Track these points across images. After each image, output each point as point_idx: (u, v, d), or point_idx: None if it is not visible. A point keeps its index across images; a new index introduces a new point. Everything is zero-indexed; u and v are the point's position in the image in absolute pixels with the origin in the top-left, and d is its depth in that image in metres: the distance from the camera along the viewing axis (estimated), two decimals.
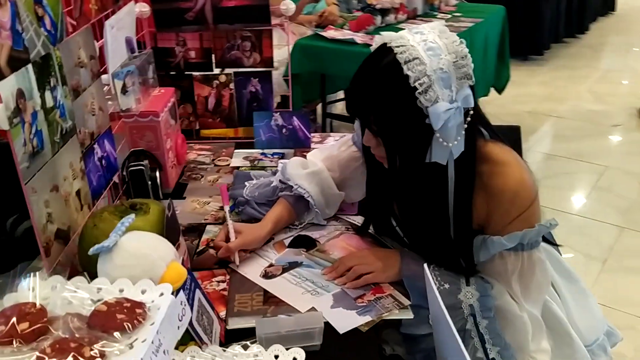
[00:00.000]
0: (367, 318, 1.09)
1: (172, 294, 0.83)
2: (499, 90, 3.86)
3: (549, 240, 1.35)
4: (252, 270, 1.23)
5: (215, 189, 1.57)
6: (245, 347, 0.92)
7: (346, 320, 1.08)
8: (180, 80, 1.74)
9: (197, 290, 1.01)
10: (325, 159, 1.42)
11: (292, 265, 1.25)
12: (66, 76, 1.14)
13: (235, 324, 1.08)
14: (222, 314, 1.11)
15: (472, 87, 1.06)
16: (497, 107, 4.28)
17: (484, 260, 1.16)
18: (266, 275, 1.22)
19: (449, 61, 1.02)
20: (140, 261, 0.89)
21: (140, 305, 0.81)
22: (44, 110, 1.05)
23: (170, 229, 1.10)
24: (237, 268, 1.23)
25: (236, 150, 1.78)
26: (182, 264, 1.16)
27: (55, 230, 1.09)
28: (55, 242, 1.08)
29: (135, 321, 0.78)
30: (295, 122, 1.78)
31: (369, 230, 1.35)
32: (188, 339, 0.94)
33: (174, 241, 1.13)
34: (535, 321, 1.17)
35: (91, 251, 0.89)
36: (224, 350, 0.91)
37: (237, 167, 1.67)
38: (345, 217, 1.42)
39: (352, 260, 1.21)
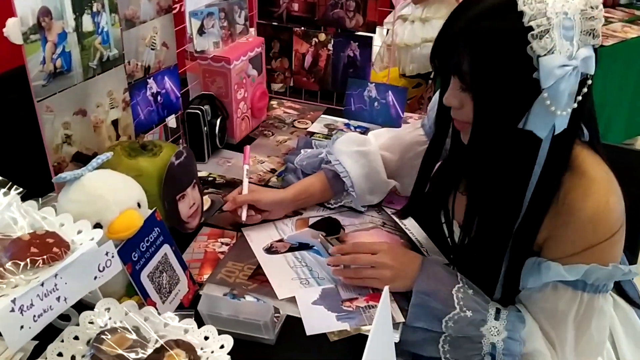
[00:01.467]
0: (345, 326, 0.95)
1: (96, 241, 0.78)
2: None
3: (628, 296, 1.06)
4: (259, 240, 1.15)
5: (279, 149, 1.50)
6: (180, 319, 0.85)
7: (319, 322, 0.95)
8: (281, 33, 1.67)
9: (166, 246, 0.95)
10: (387, 139, 1.26)
11: (302, 246, 1.13)
12: (118, 4, 1.13)
13: (208, 290, 1.02)
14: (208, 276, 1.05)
15: (595, 51, 0.83)
16: None
17: (532, 287, 0.94)
18: (269, 249, 1.12)
19: (576, 7, 0.80)
20: (92, 200, 0.86)
21: (63, 244, 0.77)
22: (78, 34, 1.05)
23: (171, 177, 1.05)
24: (248, 236, 1.15)
25: (322, 116, 1.68)
26: (186, 217, 1.12)
27: (74, 153, 1.10)
28: (72, 164, 1.10)
29: (43, 258, 0.74)
30: (390, 97, 1.62)
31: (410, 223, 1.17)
32: (133, 292, 0.90)
33: (178, 190, 1.09)
34: None
35: (54, 179, 0.88)
36: (159, 314, 0.85)
37: (313, 134, 1.58)
38: (390, 210, 1.26)
39: (363, 249, 1.04)
